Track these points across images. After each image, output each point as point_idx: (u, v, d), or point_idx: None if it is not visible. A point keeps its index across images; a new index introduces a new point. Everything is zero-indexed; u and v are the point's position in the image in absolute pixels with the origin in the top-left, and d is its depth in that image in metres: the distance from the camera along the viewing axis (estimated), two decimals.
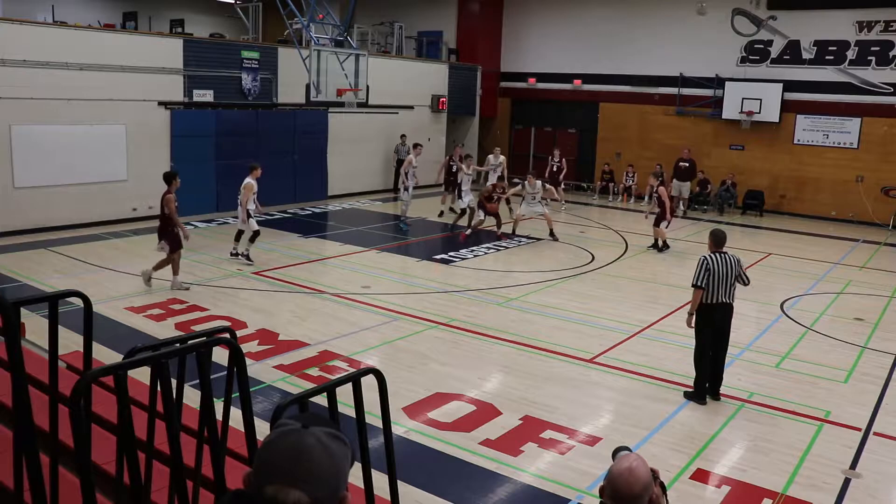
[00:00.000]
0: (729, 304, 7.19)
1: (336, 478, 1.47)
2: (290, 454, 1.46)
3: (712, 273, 7.07)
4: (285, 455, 1.46)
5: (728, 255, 7.20)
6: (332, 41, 17.14)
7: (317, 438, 1.47)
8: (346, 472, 1.51)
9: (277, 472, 1.45)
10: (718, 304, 7.14)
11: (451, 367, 8.03)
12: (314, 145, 18.79)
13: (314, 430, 1.49)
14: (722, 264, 7.11)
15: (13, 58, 13.14)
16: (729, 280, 7.11)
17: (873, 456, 6.36)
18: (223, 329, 3.34)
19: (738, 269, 7.19)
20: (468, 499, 5.44)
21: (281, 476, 1.45)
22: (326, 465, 1.46)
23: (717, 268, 7.09)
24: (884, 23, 18.44)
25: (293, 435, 1.48)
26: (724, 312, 7.19)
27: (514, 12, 24.15)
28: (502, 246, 14.57)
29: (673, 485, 5.60)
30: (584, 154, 23.15)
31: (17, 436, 2.65)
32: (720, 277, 7.07)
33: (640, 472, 2.39)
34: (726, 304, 7.17)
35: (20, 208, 13.52)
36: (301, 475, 1.44)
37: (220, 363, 3.43)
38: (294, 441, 1.47)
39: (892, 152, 18.70)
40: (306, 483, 1.44)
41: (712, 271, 7.07)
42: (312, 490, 1.44)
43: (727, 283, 7.11)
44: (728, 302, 7.17)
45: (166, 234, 10.39)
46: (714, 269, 7.08)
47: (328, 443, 1.48)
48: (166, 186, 10.47)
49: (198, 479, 3.10)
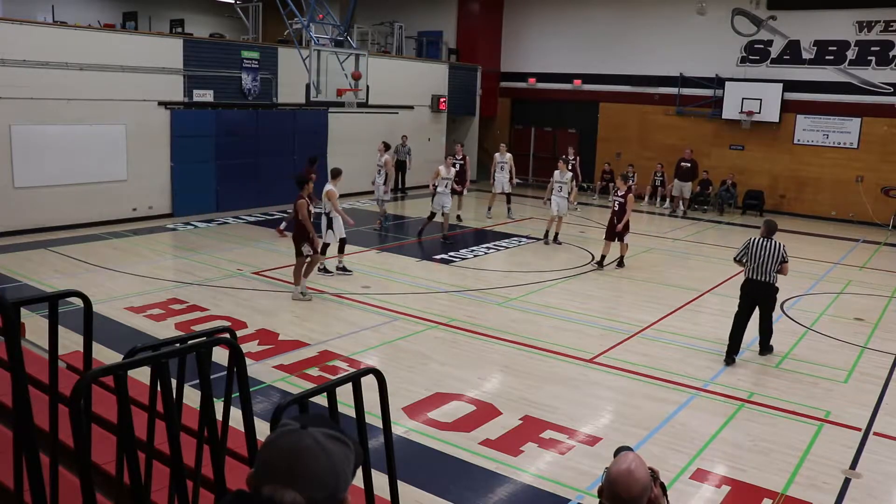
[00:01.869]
0: (764, 281, 8.16)
1: (334, 479, 1.46)
2: (288, 454, 1.45)
3: (750, 253, 8.17)
4: (283, 455, 1.46)
5: (774, 242, 8.17)
6: (332, 41, 17.14)
7: (314, 439, 1.46)
8: (346, 475, 1.49)
9: (274, 473, 1.45)
10: (752, 280, 8.22)
11: (451, 367, 8.04)
12: (314, 145, 18.77)
13: (313, 430, 1.48)
14: (763, 249, 8.13)
15: (13, 58, 13.14)
16: (766, 263, 8.11)
17: (873, 456, 6.36)
18: (223, 329, 3.34)
19: (781, 256, 8.11)
20: (468, 499, 5.44)
21: (278, 476, 1.45)
22: (324, 466, 1.45)
23: (757, 250, 8.13)
24: (884, 23, 18.44)
25: (291, 435, 1.48)
26: (757, 288, 8.22)
27: (514, 12, 24.15)
28: (502, 246, 14.58)
29: (673, 485, 5.60)
30: (584, 154, 23.13)
31: (17, 436, 2.65)
32: (757, 259, 8.12)
33: (639, 473, 2.38)
34: (760, 281, 8.17)
35: (20, 208, 13.52)
36: (298, 476, 1.44)
37: (220, 363, 3.43)
38: (292, 441, 1.47)
39: (892, 152, 18.70)
40: (303, 484, 1.43)
41: (750, 252, 8.16)
42: (309, 491, 1.43)
43: (764, 264, 8.12)
44: (763, 280, 8.15)
45: (305, 238, 10.15)
46: (753, 251, 8.14)
47: (326, 444, 1.47)
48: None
49: (198, 479, 3.10)
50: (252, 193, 17.49)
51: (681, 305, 10.82)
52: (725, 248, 13.62)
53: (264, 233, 14.93)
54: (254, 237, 14.48)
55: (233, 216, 16.51)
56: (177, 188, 16.03)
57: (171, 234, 14.67)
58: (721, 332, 9.64)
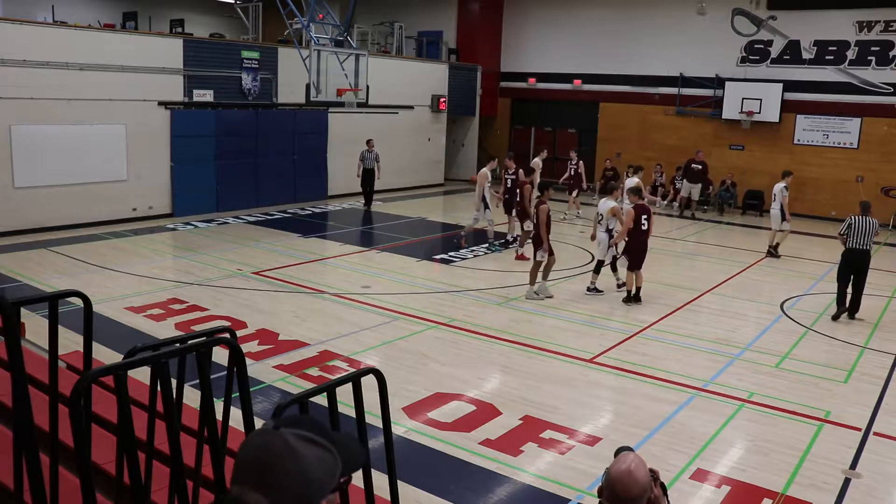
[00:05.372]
0: (865, 250, 10.14)
1: (304, 484, 1.39)
2: (255, 455, 1.41)
3: (853, 228, 10.11)
4: (251, 455, 1.42)
5: (869, 219, 10.17)
6: (332, 41, 17.14)
7: (284, 441, 1.40)
8: (321, 481, 1.42)
9: (243, 473, 1.42)
10: (856, 250, 10.11)
11: (451, 367, 8.03)
12: (314, 145, 18.80)
13: (285, 431, 1.42)
14: (862, 224, 10.12)
15: (13, 58, 13.14)
16: (866, 235, 10.08)
17: (873, 456, 6.36)
18: (223, 329, 3.34)
19: (875, 229, 10.20)
20: (468, 499, 5.44)
21: (245, 477, 1.41)
22: (291, 470, 1.38)
23: (858, 225, 10.10)
24: (884, 23, 18.44)
25: (263, 436, 1.43)
26: (861, 256, 10.13)
27: (514, 12, 24.15)
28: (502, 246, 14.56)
29: (673, 485, 5.59)
30: (584, 154, 23.12)
31: (17, 436, 2.65)
32: (858, 232, 10.08)
33: (639, 474, 2.38)
34: (863, 250, 10.12)
35: (20, 208, 13.52)
36: (263, 478, 1.38)
37: (220, 363, 3.43)
38: (262, 442, 1.42)
39: (892, 152, 18.70)
40: (267, 486, 1.38)
41: (854, 227, 10.11)
42: (273, 494, 1.38)
43: (864, 237, 10.08)
44: (865, 248, 10.12)
45: (543, 241, 10.42)
46: (855, 226, 10.10)
47: (298, 446, 1.40)
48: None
49: (198, 479, 3.10)
50: (252, 193, 17.50)
51: (681, 305, 10.82)
52: (725, 248, 13.62)
53: (264, 233, 14.92)
54: (254, 237, 14.48)
55: (233, 216, 16.50)
56: (177, 188, 16.03)
57: (171, 234, 14.67)
58: (721, 333, 9.67)
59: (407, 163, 21.44)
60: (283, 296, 10.51)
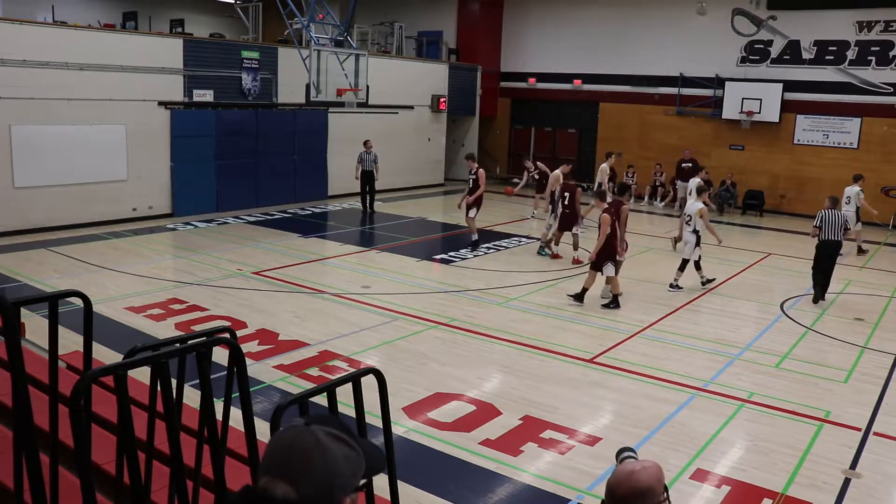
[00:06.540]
0: (838, 241, 11.02)
1: (329, 479, 1.46)
2: (285, 448, 1.47)
3: (826, 221, 10.96)
4: (281, 449, 1.48)
5: (837, 213, 11.10)
6: (332, 41, 17.14)
7: (315, 437, 1.47)
8: (346, 477, 1.48)
9: (272, 465, 1.47)
10: (831, 241, 10.96)
11: (451, 367, 8.03)
12: (314, 145, 18.79)
13: (316, 428, 1.49)
14: (832, 217, 10.98)
15: (13, 58, 13.14)
16: (836, 227, 10.95)
17: (873, 456, 6.36)
18: (223, 329, 3.34)
19: (843, 223, 11.09)
20: (468, 499, 5.44)
21: (274, 469, 1.46)
22: (320, 463, 1.45)
23: (829, 218, 10.96)
24: (884, 23, 18.44)
25: (293, 431, 1.50)
26: (835, 246, 11.02)
27: (514, 12, 24.15)
28: (502, 246, 14.57)
29: (673, 485, 5.59)
30: (584, 154, 23.14)
31: (17, 436, 2.65)
32: (830, 224, 10.94)
33: (641, 476, 2.36)
34: (836, 241, 10.99)
35: (20, 208, 13.52)
36: (292, 470, 1.45)
37: (220, 363, 3.43)
38: (291, 436, 1.48)
39: (892, 152, 18.71)
40: (296, 478, 1.44)
41: (825, 220, 10.96)
42: (301, 486, 1.44)
43: (836, 228, 10.95)
44: (837, 240, 11.00)
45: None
46: (827, 219, 10.95)
47: (327, 442, 1.47)
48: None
49: (198, 479, 3.10)
50: (252, 193, 17.50)
51: (681, 305, 10.82)
52: (725, 248, 13.60)
53: (264, 233, 14.91)
54: (254, 237, 14.48)
55: (233, 216, 16.51)
56: (177, 188, 16.03)
57: (171, 234, 14.67)
58: (721, 333, 9.67)
59: (407, 163, 21.43)
60: (283, 296, 10.51)
